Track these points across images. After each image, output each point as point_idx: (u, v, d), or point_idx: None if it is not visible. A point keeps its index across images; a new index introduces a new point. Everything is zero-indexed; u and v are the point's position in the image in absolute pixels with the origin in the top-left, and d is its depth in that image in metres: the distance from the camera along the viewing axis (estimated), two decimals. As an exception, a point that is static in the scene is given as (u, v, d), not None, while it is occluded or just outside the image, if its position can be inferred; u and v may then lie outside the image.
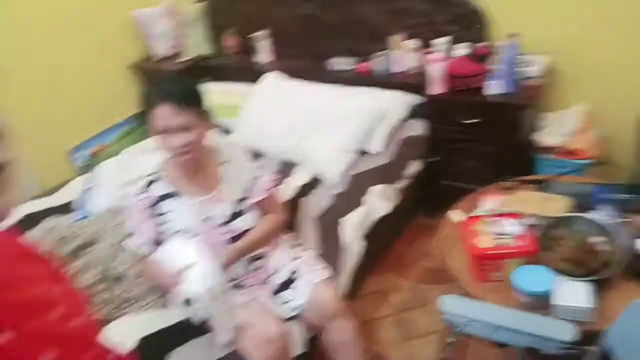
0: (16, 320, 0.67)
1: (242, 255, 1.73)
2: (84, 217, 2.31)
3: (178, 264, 1.52)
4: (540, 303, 1.46)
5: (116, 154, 2.79)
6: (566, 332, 1.28)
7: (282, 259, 1.84)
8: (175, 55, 3.36)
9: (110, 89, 3.22)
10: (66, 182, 2.68)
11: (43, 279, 0.72)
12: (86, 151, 3.14)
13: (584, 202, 1.78)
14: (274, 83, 2.80)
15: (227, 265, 1.66)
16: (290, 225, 2.08)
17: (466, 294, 1.59)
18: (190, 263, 1.50)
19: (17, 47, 2.69)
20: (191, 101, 1.56)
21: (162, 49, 3.33)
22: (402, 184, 2.50)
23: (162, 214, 1.69)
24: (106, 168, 2.62)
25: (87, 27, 3.04)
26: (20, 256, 0.72)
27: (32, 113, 2.73)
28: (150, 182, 1.70)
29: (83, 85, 3.07)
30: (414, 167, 2.57)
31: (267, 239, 1.81)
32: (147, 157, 2.34)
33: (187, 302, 1.47)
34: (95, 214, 2.31)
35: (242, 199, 1.73)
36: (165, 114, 1.51)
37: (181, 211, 1.68)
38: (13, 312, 0.67)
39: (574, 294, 1.43)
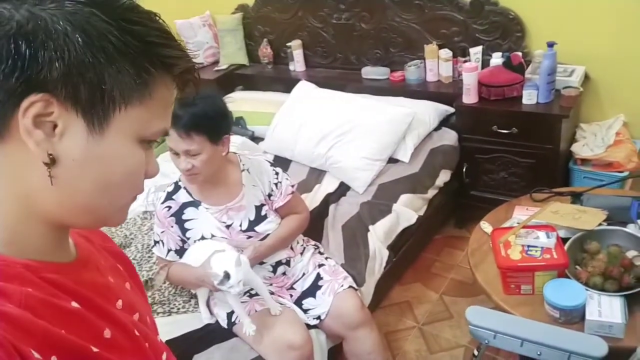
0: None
1: (270, 251, 1.73)
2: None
3: (206, 253, 1.57)
4: (571, 318, 1.41)
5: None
6: (597, 348, 1.23)
7: (306, 266, 1.84)
8: (212, 64, 3.45)
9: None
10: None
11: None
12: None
13: (620, 216, 1.71)
14: (306, 92, 2.82)
15: (254, 261, 1.66)
16: (316, 232, 2.08)
17: (494, 307, 1.55)
18: (218, 250, 1.55)
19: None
20: (199, 128, 1.49)
21: (199, 58, 3.41)
22: (431, 193, 2.46)
23: (185, 221, 1.70)
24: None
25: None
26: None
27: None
28: (175, 190, 1.72)
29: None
30: (444, 177, 2.53)
31: (293, 236, 1.81)
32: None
33: (222, 281, 1.48)
34: (128, 217, 2.35)
35: (263, 205, 1.74)
36: (173, 136, 1.50)
37: (203, 219, 1.69)
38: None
39: (607, 309, 1.37)
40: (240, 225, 1.70)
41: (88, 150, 0.52)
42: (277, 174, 1.76)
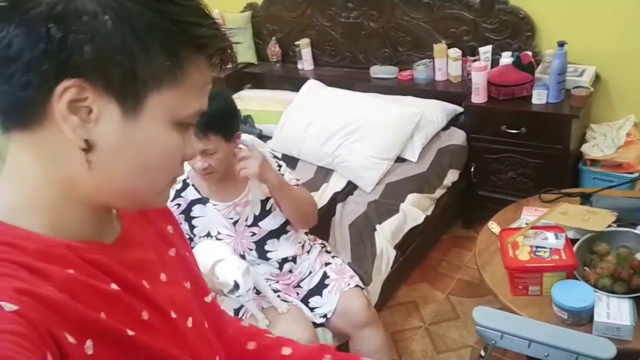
0: None
1: (279, 186, 1.64)
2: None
3: (205, 265, 1.54)
4: (579, 319, 1.40)
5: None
6: (606, 350, 1.21)
7: (313, 264, 1.84)
8: (221, 62, 3.44)
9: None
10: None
11: None
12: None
13: (630, 217, 1.69)
14: (314, 90, 2.82)
15: (262, 177, 1.59)
16: (323, 231, 2.08)
17: (502, 308, 1.54)
18: (220, 258, 1.52)
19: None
20: (215, 127, 1.49)
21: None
22: (439, 193, 2.45)
23: (193, 219, 1.71)
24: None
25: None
26: None
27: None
28: (183, 188, 1.72)
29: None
30: (452, 176, 2.52)
31: (301, 200, 1.74)
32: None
33: (231, 290, 1.48)
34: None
35: (269, 198, 1.73)
36: None
37: (211, 216, 1.69)
38: None
39: (615, 311, 1.36)
40: (246, 220, 1.70)
41: (123, 135, 0.52)
42: (279, 166, 1.76)
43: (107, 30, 0.48)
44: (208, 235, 1.70)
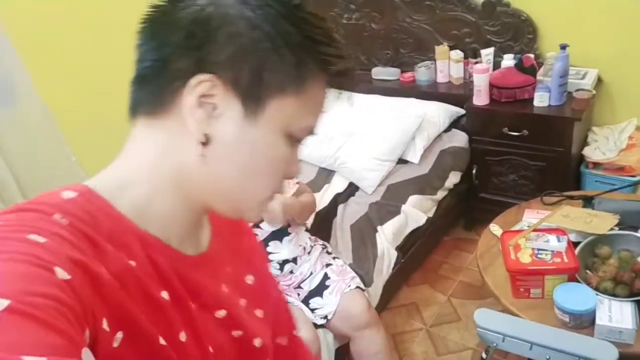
0: None
1: (297, 205, 1.75)
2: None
3: None
4: (581, 322, 1.40)
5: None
6: (608, 354, 1.21)
7: (314, 265, 1.83)
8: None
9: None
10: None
11: None
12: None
13: (632, 220, 1.69)
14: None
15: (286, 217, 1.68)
16: (324, 232, 2.07)
17: (503, 310, 1.54)
18: None
19: (87, 47, 2.53)
20: None
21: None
22: (440, 195, 2.45)
23: None
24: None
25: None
26: None
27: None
28: None
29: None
30: (453, 178, 2.51)
31: (309, 206, 1.85)
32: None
33: None
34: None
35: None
36: None
37: None
38: None
39: (617, 314, 1.36)
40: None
41: (240, 134, 0.54)
42: None
43: (246, 35, 0.51)
44: None
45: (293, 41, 0.52)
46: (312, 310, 1.76)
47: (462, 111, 2.59)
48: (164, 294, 0.55)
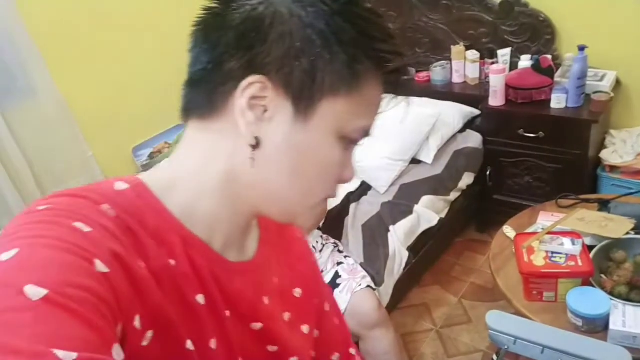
0: None
1: None
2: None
3: None
4: (594, 327, 1.38)
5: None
6: (622, 359, 1.20)
7: (325, 263, 1.83)
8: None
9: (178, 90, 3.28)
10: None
11: None
12: (149, 149, 3.25)
13: (649, 225, 1.67)
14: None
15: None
16: (336, 230, 2.07)
17: (515, 313, 1.52)
18: None
19: (108, 43, 2.53)
20: None
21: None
22: (453, 196, 2.43)
23: None
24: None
25: (158, 29, 3.12)
26: None
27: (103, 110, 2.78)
28: None
29: (161, 84, 3.02)
30: (467, 179, 2.50)
31: None
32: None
33: None
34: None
35: None
36: None
37: None
38: None
39: (631, 319, 1.33)
40: None
41: (290, 137, 0.52)
42: None
43: (297, 33, 0.49)
44: None
45: (347, 38, 0.50)
46: (323, 308, 1.76)
47: (476, 112, 2.57)
48: (200, 298, 0.54)
